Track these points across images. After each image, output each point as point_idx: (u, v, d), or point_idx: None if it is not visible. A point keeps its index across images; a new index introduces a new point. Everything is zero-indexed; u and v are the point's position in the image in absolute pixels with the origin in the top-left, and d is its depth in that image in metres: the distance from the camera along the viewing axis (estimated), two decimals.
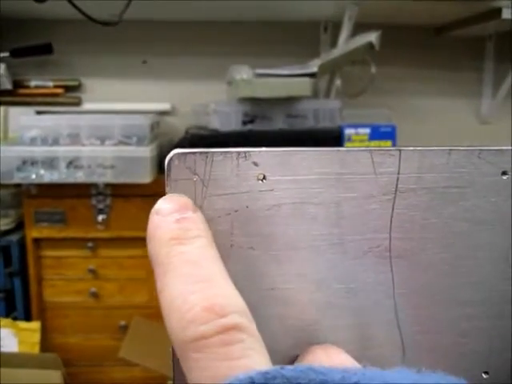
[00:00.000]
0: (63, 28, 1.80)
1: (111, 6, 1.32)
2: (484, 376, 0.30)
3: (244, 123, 1.47)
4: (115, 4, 1.33)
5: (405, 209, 0.28)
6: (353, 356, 0.29)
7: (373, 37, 1.35)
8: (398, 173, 0.27)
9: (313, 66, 1.46)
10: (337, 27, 1.68)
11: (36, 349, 1.56)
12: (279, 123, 1.48)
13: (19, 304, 1.62)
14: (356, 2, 1.51)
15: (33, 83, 1.82)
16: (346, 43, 1.55)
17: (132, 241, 1.59)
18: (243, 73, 1.42)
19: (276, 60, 1.64)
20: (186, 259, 0.23)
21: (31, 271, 1.60)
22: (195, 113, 1.74)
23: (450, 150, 0.28)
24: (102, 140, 1.52)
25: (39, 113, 1.78)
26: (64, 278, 1.63)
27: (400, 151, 0.27)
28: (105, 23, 1.27)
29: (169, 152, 0.26)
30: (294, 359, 0.28)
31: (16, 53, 1.68)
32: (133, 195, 1.57)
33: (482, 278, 0.29)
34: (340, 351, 0.27)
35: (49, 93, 1.83)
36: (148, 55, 1.89)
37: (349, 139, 1.46)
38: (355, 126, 1.49)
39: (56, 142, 1.51)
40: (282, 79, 1.45)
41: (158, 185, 1.43)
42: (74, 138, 1.51)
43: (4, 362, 1.41)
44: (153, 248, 0.24)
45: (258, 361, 0.21)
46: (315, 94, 1.66)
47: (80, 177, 1.46)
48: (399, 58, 1.89)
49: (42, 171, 1.45)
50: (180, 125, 1.86)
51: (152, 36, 1.86)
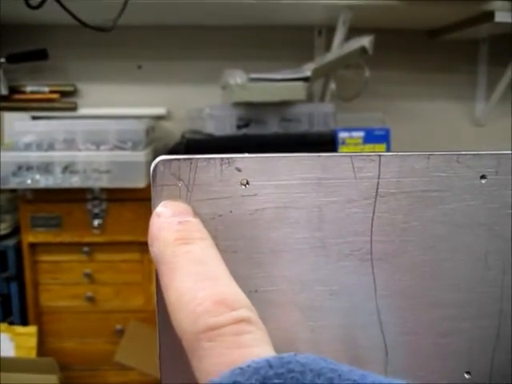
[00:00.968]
0: (58, 34, 1.81)
1: (106, 12, 1.33)
2: (466, 376, 0.31)
3: (239, 127, 1.47)
4: (110, 9, 1.33)
5: (385, 212, 0.28)
6: (335, 357, 0.30)
7: (366, 41, 1.36)
8: (379, 177, 0.28)
9: (306, 71, 1.47)
10: (331, 31, 1.69)
11: (32, 353, 1.56)
12: (274, 127, 1.49)
13: (15, 308, 1.62)
14: (350, 7, 1.52)
15: (28, 89, 1.82)
16: (340, 47, 1.56)
17: (128, 245, 1.59)
18: (237, 77, 1.43)
19: (270, 64, 1.65)
20: (192, 258, 0.24)
21: (27, 276, 1.60)
22: (190, 117, 1.74)
23: (430, 155, 0.29)
24: (98, 145, 1.53)
25: (35, 118, 1.78)
26: (60, 283, 1.63)
27: (380, 156, 0.28)
28: (99, 29, 1.28)
29: None
30: None
31: (11, 58, 1.68)
32: (128, 200, 1.57)
33: (462, 280, 0.30)
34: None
35: (44, 98, 1.83)
36: (143, 60, 1.90)
37: (343, 143, 1.47)
38: (349, 130, 1.50)
39: (51, 147, 1.51)
40: (276, 83, 1.45)
41: None
42: (70, 143, 1.51)
43: (0, 367, 1.41)
44: (157, 248, 0.25)
45: (268, 351, 0.21)
46: (310, 98, 1.66)
47: (75, 181, 1.46)
48: (393, 62, 1.90)
49: (38, 176, 1.46)
50: (175, 129, 1.86)
51: (147, 41, 1.86)
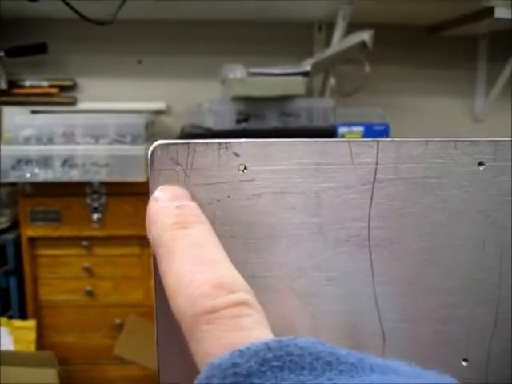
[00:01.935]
0: (58, 28, 1.80)
1: (106, 6, 1.33)
2: (463, 363, 0.31)
3: (238, 122, 1.47)
4: (110, 3, 1.33)
5: (383, 198, 0.28)
6: (333, 343, 0.30)
7: (365, 36, 1.36)
8: (376, 163, 0.28)
9: (306, 65, 1.47)
10: (331, 27, 1.69)
11: (31, 347, 1.56)
12: (273, 122, 1.48)
13: (15, 302, 1.62)
14: (349, 2, 1.52)
15: (28, 83, 1.82)
16: (340, 42, 1.56)
17: (127, 239, 1.59)
18: (237, 72, 1.43)
19: (270, 60, 1.65)
20: (191, 242, 0.24)
21: (26, 270, 1.60)
22: (190, 112, 1.74)
23: (427, 141, 0.29)
24: (97, 139, 1.53)
25: (34, 112, 1.78)
26: (59, 277, 1.63)
27: (378, 142, 0.28)
28: (99, 22, 1.28)
29: None
30: None
31: (11, 52, 1.67)
32: (127, 194, 1.57)
33: (460, 267, 0.30)
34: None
35: (44, 92, 1.83)
36: (143, 55, 1.89)
37: (342, 138, 1.47)
38: (349, 125, 1.50)
39: (51, 141, 1.51)
40: (276, 78, 1.45)
41: None
42: (69, 137, 1.51)
43: (0, 361, 1.41)
44: (155, 232, 0.25)
45: (267, 333, 0.22)
46: (309, 93, 1.66)
47: (75, 175, 1.46)
48: (393, 58, 1.89)
49: (37, 170, 1.46)
50: (175, 124, 1.86)
51: (147, 35, 1.86)
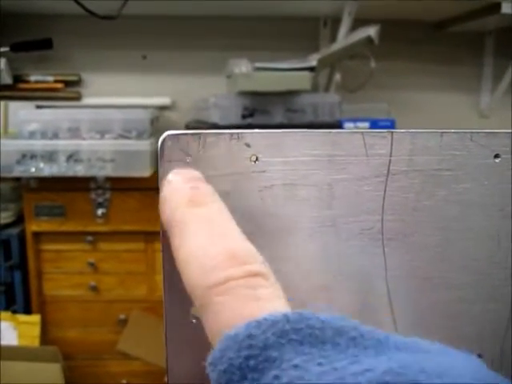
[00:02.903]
0: (63, 23, 1.80)
1: (111, 1, 1.32)
2: None
3: (243, 117, 1.47)
4: None
5: (397, 191, 0.28)
6: None
7: (372, 31, 1.35)
8: (390, 155, 0.28)
9: (312, 60, 1.46)
10: (336, 22, 1.68)
11: (36, 342, 1.56)
12: (279, 117, 1.48)
13: (19, 297, 1.62)
14: None
15: (33, 78, 1.82)
16: (345, 38, 1.55)
17: (132, 234, 1.59)
18: (242, 66, 1.42)
19: (275, 55, 1.64)
20: (205, 218, 0.23)
21: (31, 265, 1.60)
22: (195, 107, 1.74)
23: (443, 133, 0.28)
24: (102, 134, 1.52)
25: (39, 107, 1.78)
26: (64, 272, 1.63)
27: (392, 133, 0.28)
28: (104, 17, 1.27)
29: None
30: None
31: (16, 48, 1.67)
32: (132, 189, 1.57)
33: (474, 262, 0.29)
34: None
35: (49, 87, 1.83)
36: (148, 50, 1.89)
37: None
38: (354, 120, 1.50)
39: (56, 136, 1.51)
40: (282, 73, 1.44)
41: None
42: (74, 132, 1.51)
43: (4, 355, 1.41)
44: (169, 209, 0.24)
45: (285, 306, 0.20)
46: (315, 88, 1.66)
47: (79, 170, 1.46)
48: (399, 53, 1.89)
49: (42, 165, 1.45)
50: (180, 119, 1.86)
51: (152, 31, 1.86)
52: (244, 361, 0.18)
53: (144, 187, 1.53)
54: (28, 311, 1.62)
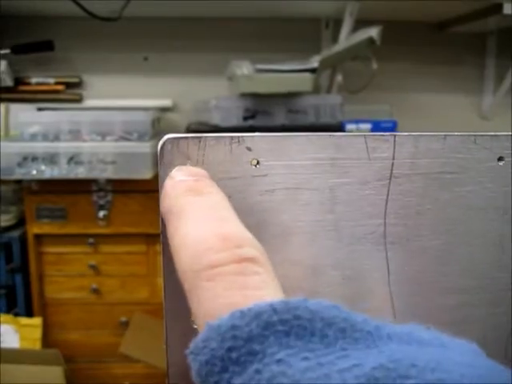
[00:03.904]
0: (64, 25, 1.80)
1: (112, 3, 1.33)
2: None
3: (245, 119, 1.46)
4: (116, 1, 1.33)
5: (400, 194, 0.28)
6: None
7: (373, 32, 1.35)
8: (393, 158, 0.27)
9: (314, 62, 1.46)
10: (338, 24, 1.68)
11: (37, 345, 1.56)
12: (280, 119, 1.48)
13: (20, 300, 1.62)
14: None
15: (34, 80, 1.82)
16: (347, 39, 1.55)
17: (133, 237, 1.59)
18: (244, 68, 1.42)
19: (277, 56, 1.64)
20: (203, 205, 0.23)
21: (32, 267, 1.60)
22: (197, 109, 1.73)
23: (446, 136, 0.28)
24: (103, 136, 1.52)
25: (40, 109, 1.78)
26: (65, 274, 1.63)
27: (394, 136, 0.27)
28: (105, 19, 1.27)
29: None
30: None
31: (17, 50, 1.68)
32: (134, 191, 1.57)
33: (477, 266, 0.29)
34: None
35: (50, 89, 1.83)
36: (149, 52, 1.89)
37: None
38: (356, 122, 1.49)
39: (57, 138, 1.51)
40: (283, 75, 1.44)
41: None
42: (75, 134, 1.51)
43: (5, 358, 1.41)
44: (168, 199, 0.24)
45: (274, 295, 0.20)
46: (317, 90, 1.65)
47: (81, 173, 1.46)
48: (400, 54, 1.88)
49: (43, 167, 1.45)
50: (182, 121, 1.86)
51: (153, 32, 1.86)
52: (226, 352, 0.17)
53: (145, 189, 1.52)
54: (29, 314, 1.62)
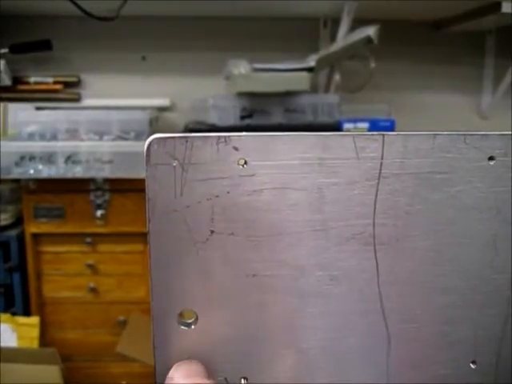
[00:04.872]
0: (62, 24, 1.80)
1: (109, 2, 1.32)
2: (472, 366, 0.30)
3: (242, 118, 1.46)
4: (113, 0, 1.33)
5: (389, 194, 0.28)
6: (335, 345, 0.29)
7: (371, 31, 1.35)
8: (382, 158, 0.27)
9: (311, 61, 1.46)
10: (336, 23, 1.68)
11: (35, 344, 1.56)
12: (278, 118, 1.48)
13: (18, 299, 1.62)
14: None
15: (32, 79, 1.82)
16: (345, 38, 1.55)
17: (131, 236, 1.59)
18: (241, 67, 1.42)
19: (275, 56, 1.63)
20: None
21: (30, 266, 1.60)
22: (194, 108, 1.73)
23: (435, 135, 0.28)
24: (101, 135, 1.52)
25: (39, 109, 1.78)
26: (63, 273, 1.63)
27: (383, 136, 0.27)
28: (102, 19, 1.27)
29: None
30: (273, 346, 0.28)
31: (15, 49, 1.67)
32: (131, 190, 1.56)
33: (468, 266, 0.29)
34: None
35: (48, 89, 1.83)
36: (147, 51, 1.89)
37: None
38: (354, 121, 1.49)
39: (54, 138, 1.51)
40: (280, 74, 1.44)
41: None
42: (73, 133, 1.51)
43: (3, 357, 1.41)
44: None
45: None
46: (315, 89, 1.65)
47: (78, 172, 1.46)
48: (399, 53, 1.88)
49: (41, 166, 1.45)
50: (179, 120, 1.86)
51: (151, 32, 1.86)
52: None
53: (143, 189, 1.51)
54: (27, 313, 1.62)
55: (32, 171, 1.46)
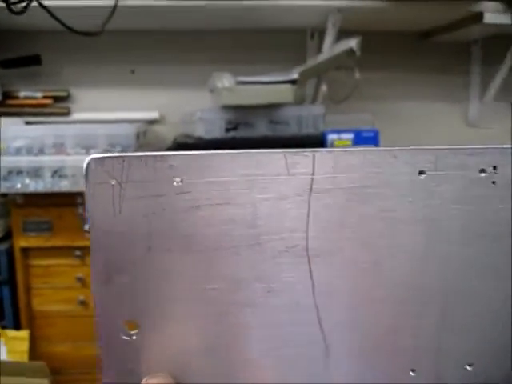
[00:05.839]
0: (51, 39, 1.81)
1: (96, 17, 1.33)
2: (411, 374, 0.31)
3: (227, 130, 1.47)
4: (100, 14, 1.34)
5: (321, 208, 0.28)
6: (273, 356, 0.29)
7: (353, 43, 1.36)
8: (313, 173, 0.28)
9: (294, 73, 1.47)
10: (323, 34, 1.69)
11: (25, 357, 1.56)
12: (262, 130, 1.48)
13: (8, 313, 1.62)
14: (338, 9, 1.52)
15: (22, 94, 1.83)
16: (330, 50, 1.56)
17: None
18: (225, 80, 1.43)
19: (264, 68, 1.64)
20: None
21: (19, 280, 1.60)
22: (184, 121, 1.74)
23: (365, 151, 0.29)
24: (87, 149, 1.53)
25: (28, 123, 1.79)
26: (52, 287, 1.63)
27: (314, 153, 0.28)
28: (87, 34, 1.28)
29: None
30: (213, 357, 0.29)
31: (5, 64, 1.69)
32: None
33: (402, 276, 0.30)
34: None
35: (38, 103, 1.83)
36: (136, 65, 1.90)
37: (332, 145, 1.47)
38: (338, 132, 1.50)
39: (41, 152, 1.52)
40: (264, 86, 1.45)
41: None
42: (59, 148, 1.52)
43: None
44: None
45: None
46: (301, 100, 1.66)
47: (65, 186, 1.47)
48: (385, 64, 1.90)
49: (28, 180, 1.46)
50: (169, 133, 1.87)
51: (140, 46, 1.87)
52: None
53: None
54: (17, 326, 1.62)
55: (19, 185, 1.47)
